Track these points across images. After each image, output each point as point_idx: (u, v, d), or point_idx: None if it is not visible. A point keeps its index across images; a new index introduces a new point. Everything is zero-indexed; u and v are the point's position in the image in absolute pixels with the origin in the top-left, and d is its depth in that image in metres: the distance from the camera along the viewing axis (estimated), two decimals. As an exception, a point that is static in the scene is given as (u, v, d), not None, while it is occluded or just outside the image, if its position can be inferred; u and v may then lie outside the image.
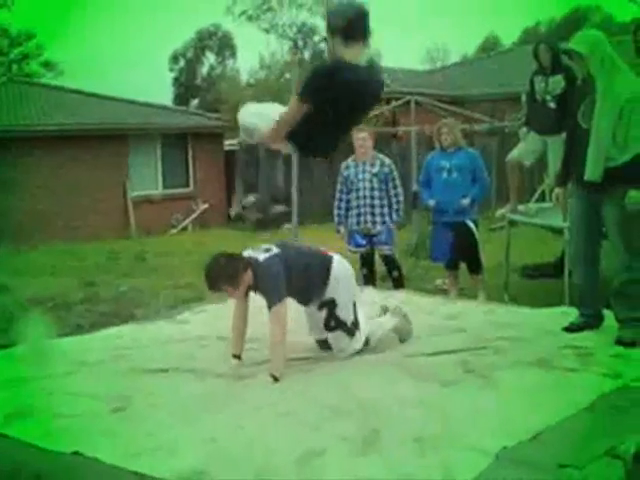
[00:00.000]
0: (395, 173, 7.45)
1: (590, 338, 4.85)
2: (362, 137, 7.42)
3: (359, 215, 7.40)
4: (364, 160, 7.39)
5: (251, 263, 4.39)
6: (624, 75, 4.76)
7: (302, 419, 3.58)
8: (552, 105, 7.09)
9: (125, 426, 3.61)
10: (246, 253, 4.51)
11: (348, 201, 7.49)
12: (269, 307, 4.28)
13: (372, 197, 7.35)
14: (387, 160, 7.52)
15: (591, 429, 3.49)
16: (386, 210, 7.42)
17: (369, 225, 7.39)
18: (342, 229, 7.57)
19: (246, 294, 4.53)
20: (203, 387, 4.15)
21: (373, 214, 7.37)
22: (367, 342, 4.75)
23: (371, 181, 7.35)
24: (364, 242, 7.46)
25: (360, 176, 7.35)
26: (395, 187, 7.41)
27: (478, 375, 4.21)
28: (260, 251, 4.47)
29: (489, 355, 4.57)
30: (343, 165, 7.58)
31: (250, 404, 3.84)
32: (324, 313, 4.60)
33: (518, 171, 7.65)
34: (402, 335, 4.98)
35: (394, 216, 7.41)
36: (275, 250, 4.48)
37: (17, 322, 6.04)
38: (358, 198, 7.38)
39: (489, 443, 3.20)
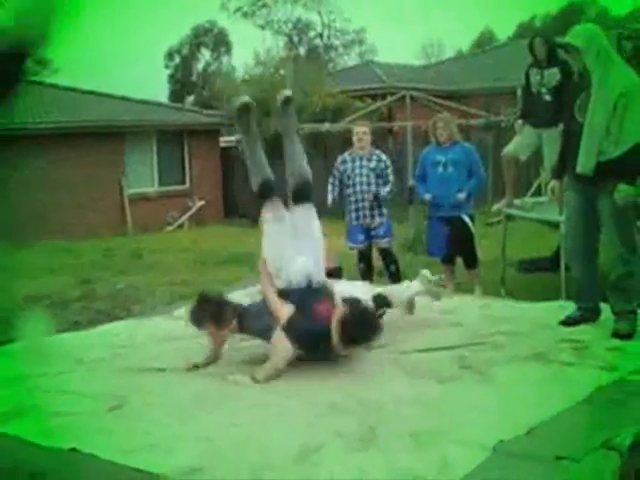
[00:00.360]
0: (390, 169, 7.47)
1: (587, 331, 4.85)
2: (363, 131, 7.46)
3: (357, 210, 7.42)
4: (361, 155, 7.41)
5: (238, 310, 4.43)
6: (619, 69, 4.76)
7: (298, 416, 3.58)
8: (547, 98, 7.10)
9: (122, 424, 3.60)
10: (233, 296, 4.54)
11: (348, 196, 7.49)
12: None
13: (370, 192, 7.36)
14: (383, 156, 7.54)
15: (588, 422, 3.51)
16: (384, 203, 7.45)
17: (368, 220, 7.41)
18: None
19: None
20: (198, 386, 4.14)
21: (372, 208, 7.39)
22: (388, 304, 4.84)
23: (368, 176, 7.36)
24: (363, 238, 7.49)
25: (357, 171, 7.37)
26: (387, 180, 7.39)
27: (475, 370, 4.21)
28: (244, 295, 4.57)
29: (486, 350, 4.57)
30: (339, 159, 7.58)
31: (245, 402, 3.84)
32: None
33: (514, 165, 7.65)
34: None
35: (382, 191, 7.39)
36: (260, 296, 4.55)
37: (14, 320, 6.04)
38: (355, 193, 7.39)
39: (486, 437, 3.20)
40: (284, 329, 4.21)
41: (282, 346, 4.21)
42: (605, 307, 5.02)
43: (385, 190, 7.36)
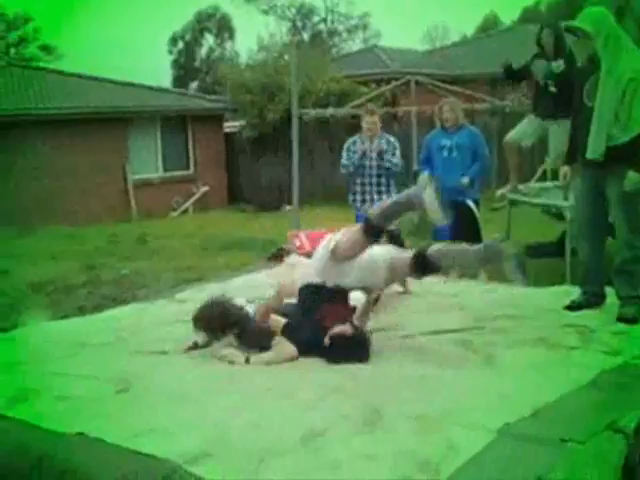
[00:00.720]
0: (398, 151, 7.42)
1: (591, 316, 4.85)
2: (373, 121, 7.37)
3: (364, 193, 7.37)
4: (371, 138, 7.36)
5: (242, 317, 4.43)
6: (629, 53, 4.72)
7: (302, 400, 3.58)
8: (553, 90, 7.04)
9: (127, 409, 3.60)
10: (240, 301, 4.56)
11: (355, 178, 7.44)
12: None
13: (379, 175, 7.32)
14: (392, 138, 7.49)
15: (592, 405, 3.49)
16: (393, 188, 7.40)
17: (376, 204, 7.33)
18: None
19: None
20: (204, 370, 4.14)
21: (380, 192, 7.33)
22: None
23: (377, 159, 7.30)
24: None
25: (367, 154, 7.31)
26: (394, 157, 7.34)
27: (479, 354, 4.21)
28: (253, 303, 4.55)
29: (490, 334, 4.57)
30: (350, 140, 7.53)
31: (250, 386, 3.84)
32: None
33: (516, 152, 7.62)
34: None
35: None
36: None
37: (18, 306, 6.07)
38: (364, 176, 7.33)
39: (491, 420, 3.21)
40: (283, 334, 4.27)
41: (285, 348, 4.23)
42: (610, 291, 5.02)
43: (392, 162, 7.28)
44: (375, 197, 7.34)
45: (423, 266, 4.38)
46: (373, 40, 41.96)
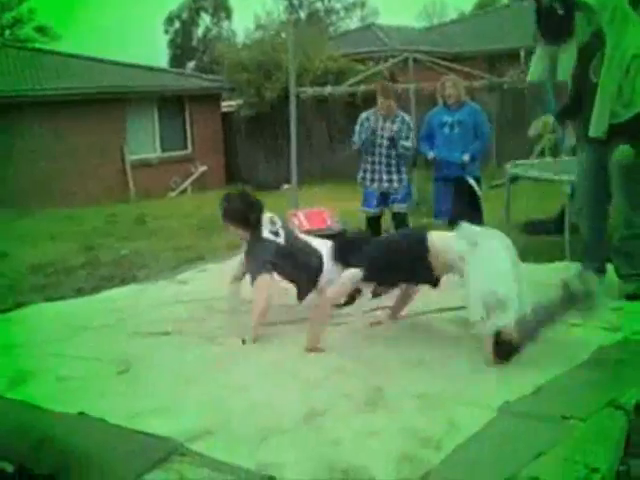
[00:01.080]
0: (412, 131, 7.28)
1: (591, 292, 4.84)
2: (387, 104, 7.17)
3: (374, 172, 7.26)
4: (385, 116, 7.19)
5: (258, 221, 4.60)
6: (635, 27, 4.67)
7: (305, 379, 3.60)
8: (560, 12, 6.98)
9: (129, 388, 3.62)
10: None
11: (366, 156, 7.31)
12: (253, 279, 4.44)
13: (389, 156, 7.20)
14: (407, 117, 7.32)
15: (593, 382, 3.50)
16: (403, 168, 7.29)
17: (385, 184, 7.24)
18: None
19: None
20: (204, 351, 4.15)
21: (389, 172, 7.23)
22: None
23: (390, 139, 7.17)
24: (377, 203, 7.32)
25: (379, 132, 7.18)
26: (407, 141, 7.22)
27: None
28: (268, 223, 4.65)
29: (490, 311, 4.56)
30: (363, 116, 7.35)
31: (252, 366, 3.86)
32: None
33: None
34: None
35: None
36: (281, 233, 4.66)
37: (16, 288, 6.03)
38: (374, 154, 7.20)
39: (492, 398, 3.23)
40: None
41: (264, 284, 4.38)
42: (610, 268, 5.01)
43: (404, 146, 7.12)
44: (384, 177, 7.21)
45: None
46: (370, 18, 41.68)
